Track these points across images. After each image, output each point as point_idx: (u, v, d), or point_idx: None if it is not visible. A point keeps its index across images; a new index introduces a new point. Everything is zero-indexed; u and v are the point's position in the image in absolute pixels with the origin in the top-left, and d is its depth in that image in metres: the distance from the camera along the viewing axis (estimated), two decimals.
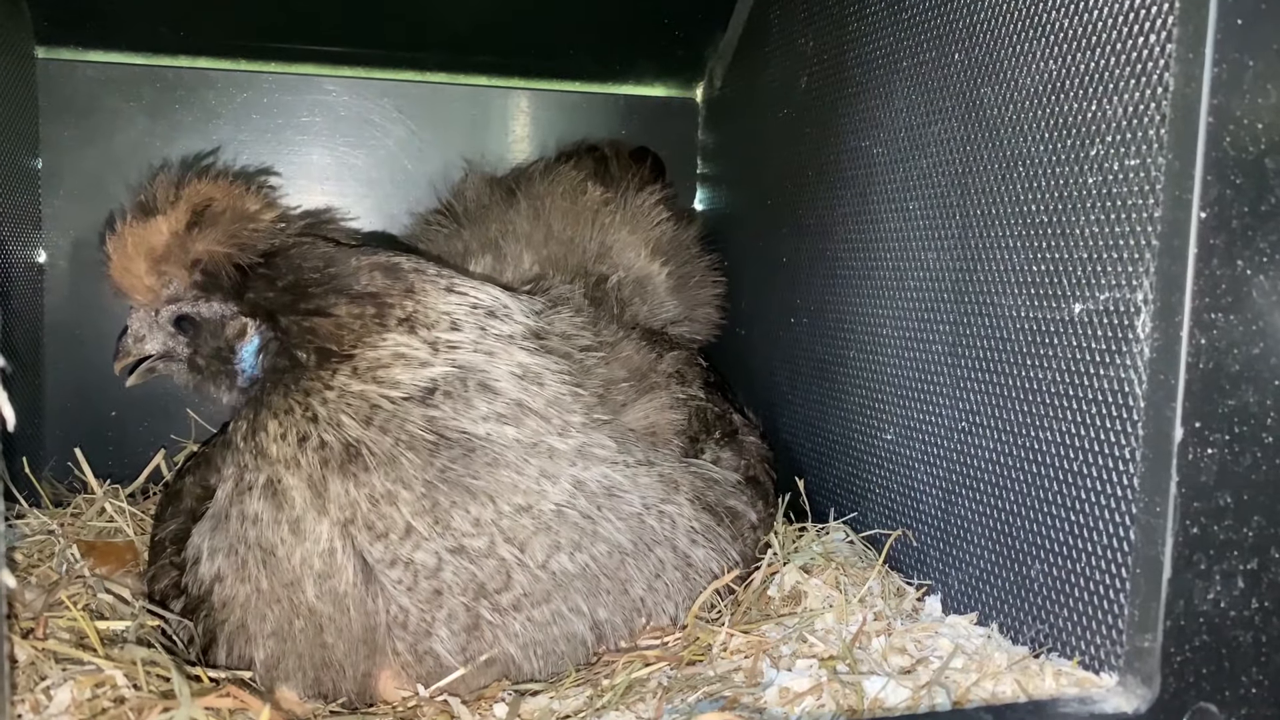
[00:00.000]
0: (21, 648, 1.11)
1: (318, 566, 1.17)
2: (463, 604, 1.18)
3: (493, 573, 1.18)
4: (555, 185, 1.89)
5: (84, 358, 1.99)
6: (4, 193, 1.81)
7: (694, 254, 1.98)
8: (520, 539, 1.19)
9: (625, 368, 1.42)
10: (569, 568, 1.21)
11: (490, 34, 2.13)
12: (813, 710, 1.07)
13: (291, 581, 1.19)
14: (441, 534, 1.16)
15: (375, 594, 1.18)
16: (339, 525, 1.16)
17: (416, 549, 1.16)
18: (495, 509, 1.18)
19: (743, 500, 1.47)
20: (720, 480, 1.45)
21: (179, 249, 1.27)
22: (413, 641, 1.20)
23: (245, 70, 2.09)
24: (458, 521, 1.16)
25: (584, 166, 1.98)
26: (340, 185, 2.15)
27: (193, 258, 1.27)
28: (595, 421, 1.29)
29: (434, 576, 1.17)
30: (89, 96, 2.00)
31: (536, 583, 1.20)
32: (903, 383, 1.43)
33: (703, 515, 1.37)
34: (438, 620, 1.19)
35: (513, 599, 1.20)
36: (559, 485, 1.21)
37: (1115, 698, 0.97)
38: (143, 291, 1.31)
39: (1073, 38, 1.09)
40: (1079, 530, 1.07)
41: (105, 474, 1.88)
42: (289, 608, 1.20)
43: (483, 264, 1.71)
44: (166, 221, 1.26)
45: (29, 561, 1.49)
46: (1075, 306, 1.08)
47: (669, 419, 1.42)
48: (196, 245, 1.26)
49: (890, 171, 1.47)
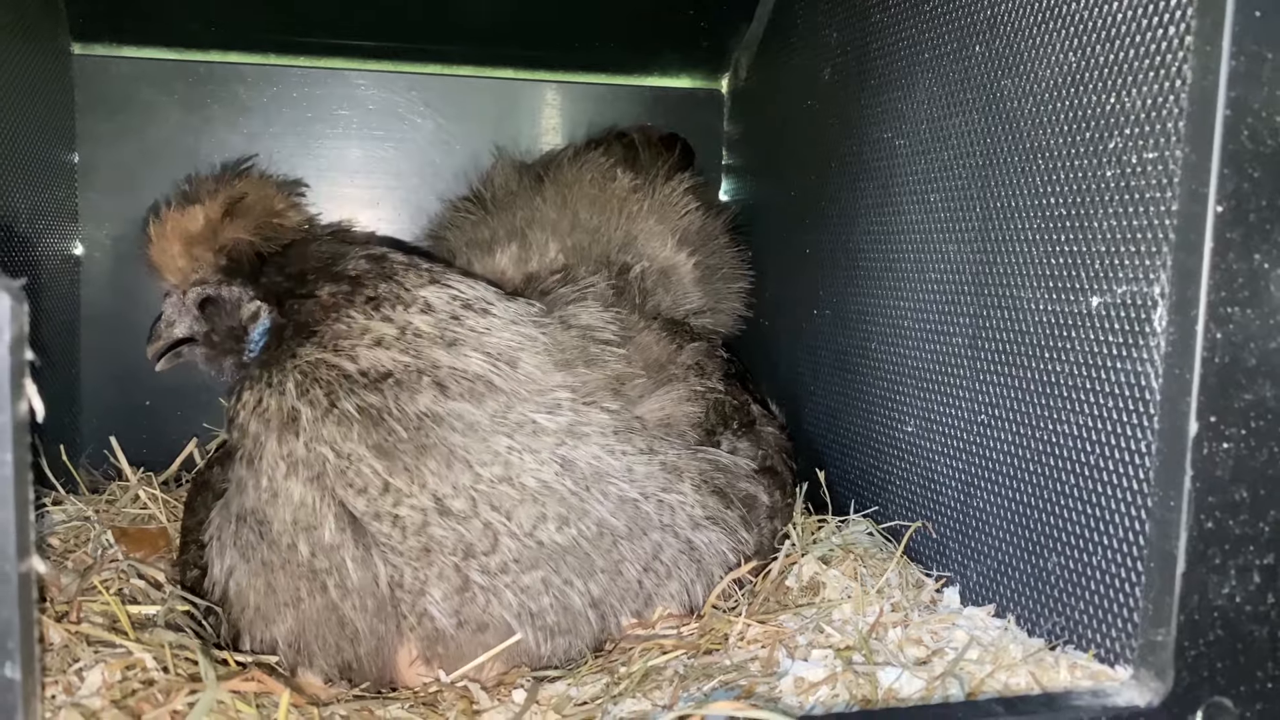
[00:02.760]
0: (56, 630, 1.14)
1: (301, 520, 1.23)
2: (453, 563, 1.22)
3: (479, 535, 1.22)
4: (583, 172, 1.89)
5: (119, 348, 2.03)
6: (42, 187, 1.85)
7: (722, 245, 1.97)
8: (505, 507, 1.23)
9: (643, 359, 1.43)
10: (557, 540, 1.25)
11: (516, 27, 2.15)
12: (827, 700, 1.08)
13: (288, 544, 1.24)
14: (419, 492, 1.21)
15: (367, 546, 1.23)
16: (309, 481, 1.23)
17: (399, 504, 1.22)
18: (473, 474, 1.23)
19: (757, 487, 1.48)
20: (732, 467, 1.46)
21: (211, 235, 1.39)
22: (411, 601, 1.24)
23: (275, 64, 2.12)
24: (433, 483, 1.22)
25: (613, 153, 1.98)
26: (369, 178, 2.18)
27: (221, 243, 1.38)
28: (591, 404, 1.32)
29: (421, 532, 1.22)
30: (123, 91, 2.04)
31: (525, 550, 1.24)
32: (923, 375, 1.43)
33: (709, 499, 1.38)
34: (430, 579, 1.23)
35: (500, 562, 1.23)
36: (541, 459, 1.26)
37: (1129, 691, 0.97)
38: (175, 272, 1.43)
39: (1092, 30, 1.08)
40: (1095, 523, 1.07)
41: (139, 462, 1.92)
42: (294, 574, 1.25)
43: (509, 252, 1.73)
44: (204, 210, 1.39)
45: (65, 546, 1.53)
46: (1093, 300, 1.08)
47: (685, 411, 1.43)
48: (226, 232, 1.38)
49: (912, 163, 1.47)
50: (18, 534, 0.68)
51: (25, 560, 0.69)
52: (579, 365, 1.35)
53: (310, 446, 1.22)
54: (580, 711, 1.14)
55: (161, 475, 1.92)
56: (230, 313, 1.41)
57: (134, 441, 1.94)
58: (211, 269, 1.40)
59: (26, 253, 1.77)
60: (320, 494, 1.22)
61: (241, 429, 1.28)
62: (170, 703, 1.01)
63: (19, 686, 0.69)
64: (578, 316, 1.43)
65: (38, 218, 1.82)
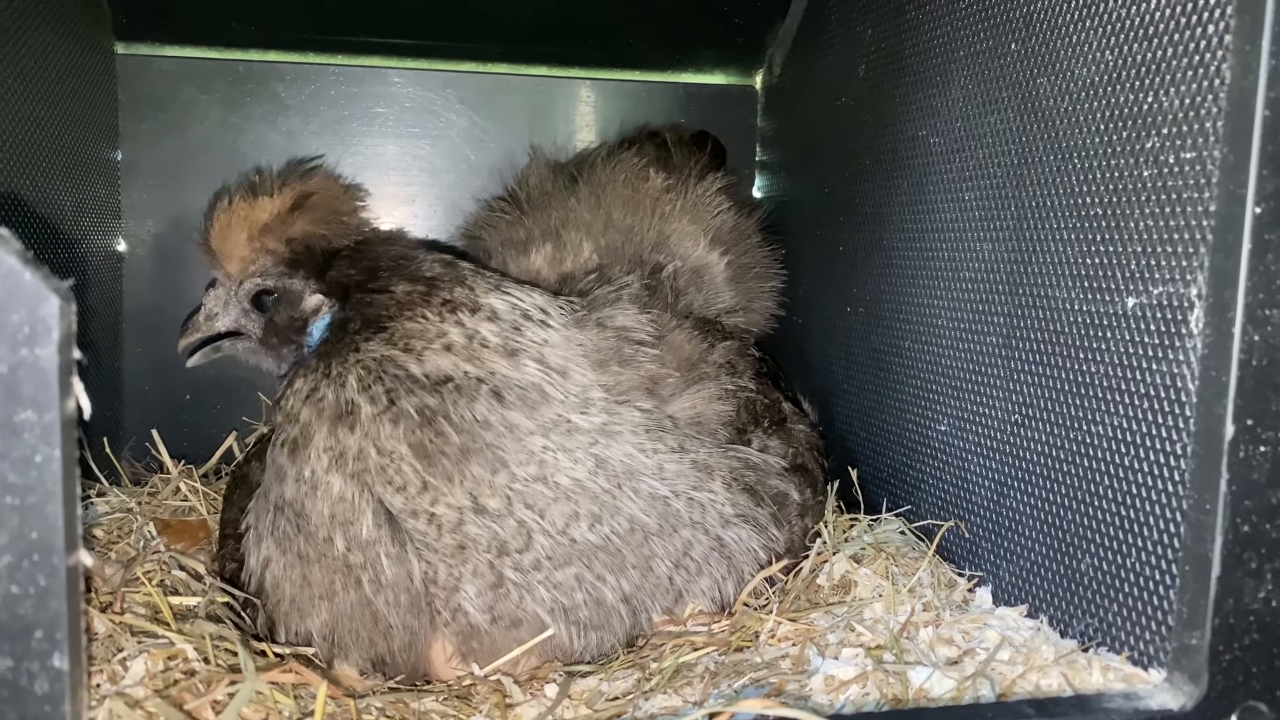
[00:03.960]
0: (100, 621, 1.17)
1: (339, 514, 1.24)
2: (487, 560, 1.24)
3: (513, 533, 1.24)
4: (617, 172, 1.90)
5: (161, 343, 2.06)
6: (86, 184, 1.89)
7: (754, 244, 1.98)
8: (539, 505, 1.24)
9: (675, 358, 1.44)
10: (590, 538, 1.26)
11: (551, 24, 2.16)
12: (857, 699, 1.08)
13: (325, 537, 1.25)
14: (457, 491, 1.22)
15: (403, 543, 1.24)
16: (351, 476, 1.24)
17: (436, 503, 1.23)
18: (509, 474, 1.24)
19: (788, 484, 1.48)
20: (762, 465, 1.46)
21: (279, 226, 1.41)
22: (445, 597, 1.25)
23: (313, 63, 2.15)
24: (470, 483, 1.23)
25: (645, 153, 1.99)
26: (405, 174, 2.20)
27: (290, 234, 1.41)
28: (625, 403, 1.34)
29: (456, 530, 1.23)
30: (165, 90, 2.08)
31: (558, 547, 1.25)
32: (957, 374, 1.43)
33: (740, 496, 1.39)
34: (464, 576, 1.24)
35: (534, 559, 1.24)
36: (575, 458, 1.27)
37: (1162, 694, 0.97)
38: (236, 261, 1.44)
39: (1130, 28, 1.07)
40: (1129, 525, 1.06)
41: (180, 454, 1.95)
42: (329, 568, 1.26)
43: (544, 252, 1.74)
44: (273, 202, 1.41)
45: (109, 538, 1.57)
46: (1128, 300, 1.07)
47: (716, 410, 1.44)
48: (296, 225, 1.41)
49: (946, 161, 1.47)
50: (66, 529, 0.70)
51: (73, 554, 0.71)
52: (613, 364, 1.37)
53: (361, 441, 1.24)
54: (612, 706, 1.15)
55: (202, 468, 1.96)
56: (293, 304, 1.42)
57: (175, 434, 1.98)
58: (274, 260, 1.42)
59: (71, 249, 1.81)
60: (360, 489, 1.24)
61: (290, 416, 1.29)
62: (211, 693, 1.03)
63: (67, 676, 0.71)
64: (614, 318, 1.44)
65: (82, 215, 1.86)
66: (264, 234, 1.41)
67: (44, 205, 1.67)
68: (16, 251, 0.67)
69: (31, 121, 1.63)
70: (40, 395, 0.68)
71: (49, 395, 0.69)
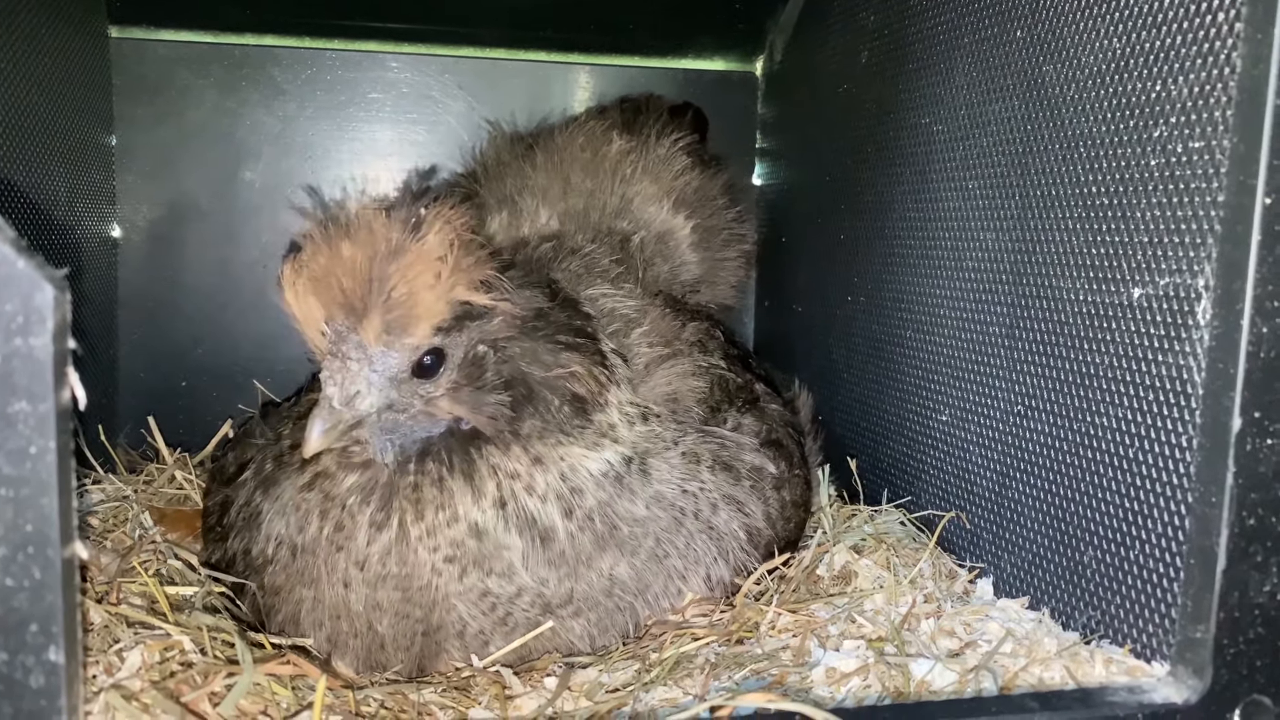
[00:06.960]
0: (96, 612, 1.16)
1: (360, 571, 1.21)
2: (526, 618, 1.23)
3: (564, 596, 1.23)
4: (574, 137, 1.87)
5: (156, 329, 2.06)
6: (81, 170, 1.87)
7: (720, 205, 1.94)
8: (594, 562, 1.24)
9: (655, 333, 1.43)
10: (627, 573, 1.27)
11: (550, 8, 2.14)
12: (859, 691, 1.08)
13: (338, 581, 1.22)
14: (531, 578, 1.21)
15: (443, 607, 1.22)
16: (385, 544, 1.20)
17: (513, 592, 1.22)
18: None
19: (763, 459, 1.45)
20: (736, 442, 1.44)
21: (458, 271, 1.13)
22: (466, 649, 1.24)
23: (310, 48, 2.13)
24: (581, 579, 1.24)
25: (609, 117, 1.96)
26: (402, 160, 2.19)
27: (473, 279, 1.15)
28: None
29: (510, 603, 1.22)
30: (160, 74, 2.06)
31: (595, 588, 1.25)
32: (959, 364, 1.42)
33: (721, 477, 1.37)
34: (497, 634, 1.24)
35: (574, 609, 1.25)
36: (636, 504, 1.27)
37: (1165, 688, 0.96)
38: (426, 321, 1.12)
39: (1138, 15, 1.06)
40: (1133, 517, 1.05)
41: (176, 442, 1.94)
42: (335, 602, 1.23)
43: (499, 220, 1.71)
44: (439, 238, 1.12)
45: (105, 526, 1.56)
46: (1134, 291, 1.06)
47: (691, 386, 1.42)
48: (471, 270, 1.14)
49: (950, 149, 1.45)
50: (61, 520, 0.69)
51: (68, 546, 0.70)
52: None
53: (425, 540, 1.19)
54: (612, 698, 1.14)
55: (197, 456, 1.94)
56: (477, 363, 1.19)
57: (171, 422, 1.96)
58: (450, 313, 1.15)
59: (65, 236, 1.79)
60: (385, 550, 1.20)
61: (443, 504, 1.18)
62: (208, 685, 1.03)
63: (63, 670, 0.70)
64: (597, 302, 1.43)
65: (76, 200, 1.84)
66: (450, 282, 1.12)
67: (38, 191, 1.66)
68: (10, 239, 0.66)
69: (25, 107, 1.61)
70: (34, 386, 0.67)
71: (43, 386, 0.67)
